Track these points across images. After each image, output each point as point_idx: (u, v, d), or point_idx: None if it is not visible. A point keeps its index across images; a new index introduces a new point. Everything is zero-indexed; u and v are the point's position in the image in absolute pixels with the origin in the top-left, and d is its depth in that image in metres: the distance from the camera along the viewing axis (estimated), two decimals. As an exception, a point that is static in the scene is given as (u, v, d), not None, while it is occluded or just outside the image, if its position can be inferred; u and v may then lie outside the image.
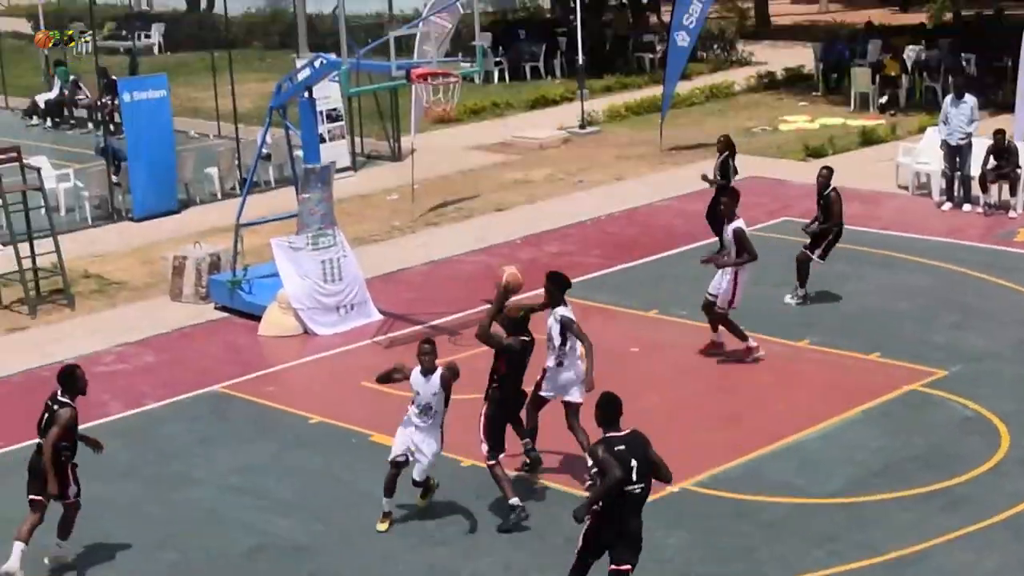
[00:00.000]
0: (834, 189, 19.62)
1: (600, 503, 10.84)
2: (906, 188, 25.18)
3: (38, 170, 23.35)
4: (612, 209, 24.62)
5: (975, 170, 23.64)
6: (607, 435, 10.93)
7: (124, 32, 44.90)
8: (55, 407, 12.79)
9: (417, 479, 13.64)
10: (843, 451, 14.98)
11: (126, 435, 16.25)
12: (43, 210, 21.62)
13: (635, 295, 20.21)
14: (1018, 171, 23.34)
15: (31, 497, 12.88)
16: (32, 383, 18.05)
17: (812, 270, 19.52)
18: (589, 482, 11.23)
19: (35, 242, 21.35)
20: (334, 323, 19.59)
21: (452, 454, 14.23)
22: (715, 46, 40.37)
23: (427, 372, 13.26)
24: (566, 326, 14.07)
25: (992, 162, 23.53)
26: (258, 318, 19.80)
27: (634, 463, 10.79)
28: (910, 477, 14.28)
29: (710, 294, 17.59)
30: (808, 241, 19.61)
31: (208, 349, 19.27)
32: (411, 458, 13.50)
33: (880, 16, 43.09)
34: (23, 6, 48.77)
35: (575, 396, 14.27)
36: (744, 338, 17.48)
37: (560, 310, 14.17)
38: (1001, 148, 23.50)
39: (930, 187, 24.67)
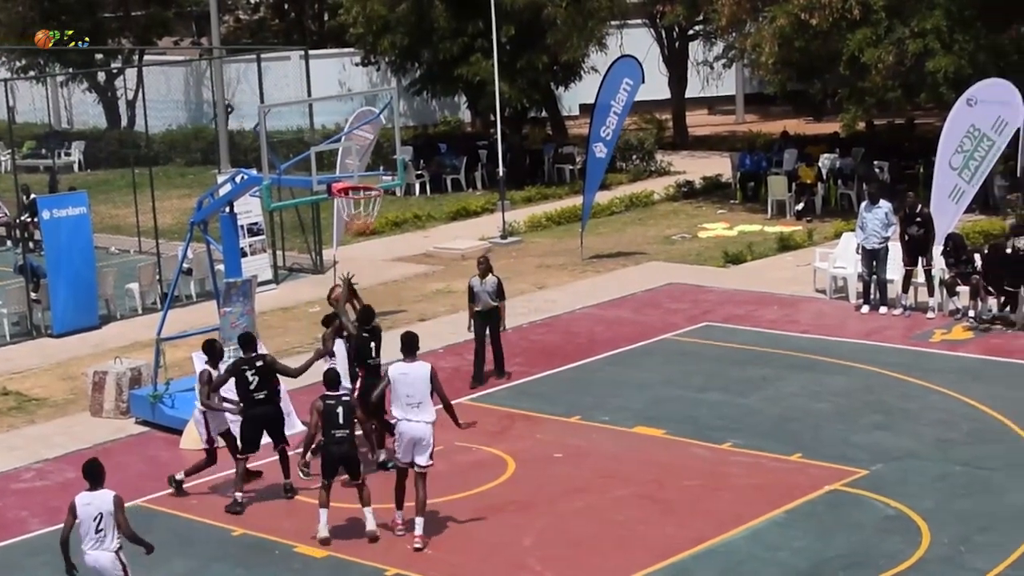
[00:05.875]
0: None
1: None
2: (823, 292, 25.51)
3: (-45, 288, 23.17)
4: (534, 317, 24.74)
5: (891, 274, 23.99)
6: None
7: (44, 150, 44.81)
8: None
9: None
10: (767, 552, 15.05)
11: (46, 552, 15.99)
12: (-39, 328, 21.43)
13: (558, 402, 20.28)
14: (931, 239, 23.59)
15: None
16: (-51, 502, 17.80)
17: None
18: None
19: (-47, 360, 21.18)
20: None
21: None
22: (634, 156, 40.81)
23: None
24: None
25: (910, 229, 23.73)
26: (180, 432, 19.64)
27: None
28: (834, 576, 14.39)
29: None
30: None
31: (130, 464, 19.05)
32: None
33: (795, 126, 43.81)
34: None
35: None
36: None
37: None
38: (913, 212, 23.76)
39: (847, 291, 25.01)
